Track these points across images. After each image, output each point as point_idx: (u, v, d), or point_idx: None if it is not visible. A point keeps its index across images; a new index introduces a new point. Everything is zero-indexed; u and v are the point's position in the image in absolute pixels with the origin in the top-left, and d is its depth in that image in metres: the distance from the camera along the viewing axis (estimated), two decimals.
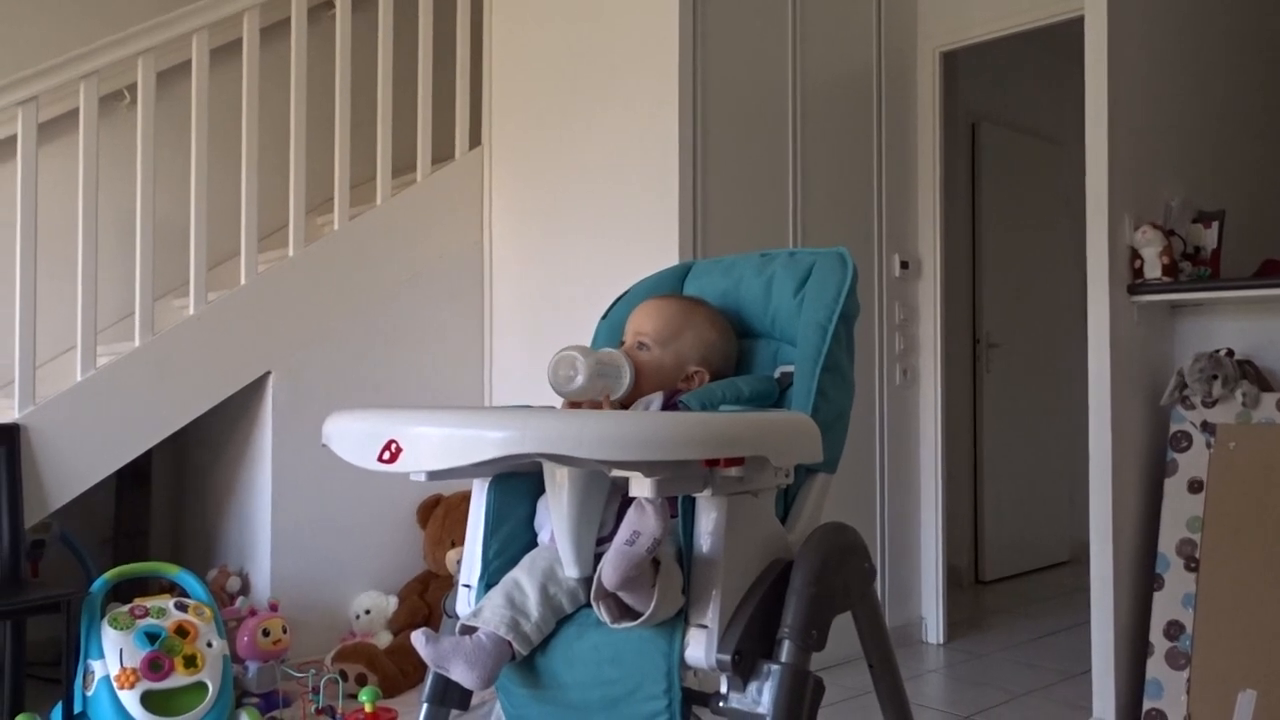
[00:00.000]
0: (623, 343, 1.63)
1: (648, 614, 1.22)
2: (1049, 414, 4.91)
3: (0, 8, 3.42)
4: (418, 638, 1.31)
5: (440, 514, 3.19)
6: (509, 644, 1.32)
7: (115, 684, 2.32)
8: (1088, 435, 2.72)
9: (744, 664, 1.25)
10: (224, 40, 3.21)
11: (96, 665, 2.37)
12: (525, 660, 1.37)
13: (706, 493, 1.27)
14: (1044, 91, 4.94)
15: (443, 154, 3.51)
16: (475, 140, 3.54)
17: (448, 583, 3.13)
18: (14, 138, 2.79)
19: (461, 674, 1.30)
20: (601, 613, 1.25)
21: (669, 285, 1.77)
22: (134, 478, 3.28)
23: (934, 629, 3.55)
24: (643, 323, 1.63)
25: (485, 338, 3.51)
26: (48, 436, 2.70)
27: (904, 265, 3.54)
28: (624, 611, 1.25)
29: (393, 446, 1.19)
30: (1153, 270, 2.71)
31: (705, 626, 1.26)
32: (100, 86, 2.88)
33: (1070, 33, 3.27)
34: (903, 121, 3.58)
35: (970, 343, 4.61)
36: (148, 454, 2.98)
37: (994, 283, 4.67)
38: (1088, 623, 2.73)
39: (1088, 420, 2.72)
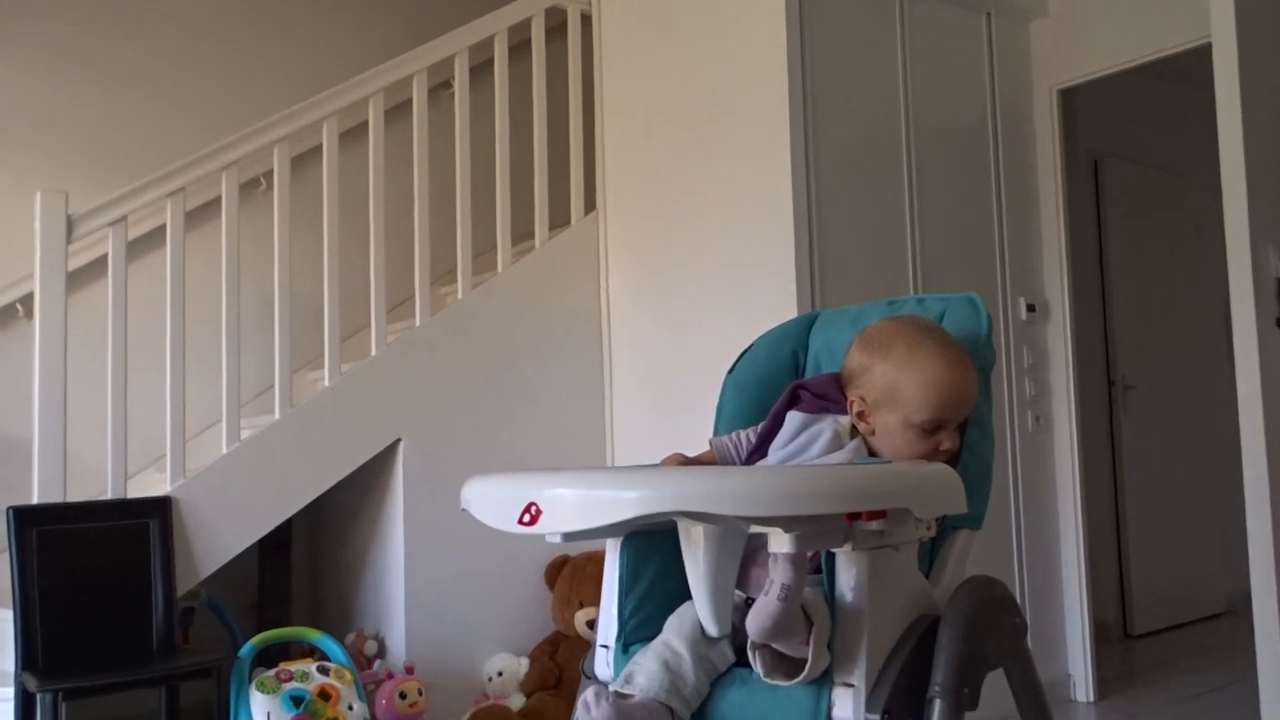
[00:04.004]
0: (936, 427, 1.41)
1: (804, 674, 1.19)
2: (1195, 456, 4.67)
3: (146, 107, 3.67)
4: (583, 705, 1.28)
5: (567, 574, 3.21)
6: (669, 710, 1.30)
7: None
8: (1239, 478, 2.57)
9: None
10: (350, 124, 3.37)
11: None
12: None
13: (847, 547, 1.25)
14: (1168, 122, 4.78)
15: (559, 221, 3.59)
16: (590, 205, 3.62)
17: (577, 643, 3.13)
18: (159, 228, 2.97)
19: None
20: (757, 664, 1.23)
21: (795, 335, 1.75)
22: (275, 545, 3.40)
23: (1083, 686, 3.38)
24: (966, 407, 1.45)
25: (605, 399, 3.54)
26: (197, 507, 2.83)
27: (1030, 308, 3.44)
28: (778, 663, 1.23)
29: (533, 509, 1.21)
30: None
31: (852, 685, 1.23)
32: (239, 175, 3.05)
33: (1192, 61, 3.17)
34: (1021, 162, 3.51)
35: (1105, 385, 4.43)
36: (287, 521, 3.08)
37: (1127, 322, 4.50)
38: (1251, 679, 2.55)
39: (1236, 462, 2.58)
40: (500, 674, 3.10)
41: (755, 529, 1.21)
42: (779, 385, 1.66)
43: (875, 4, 3.17)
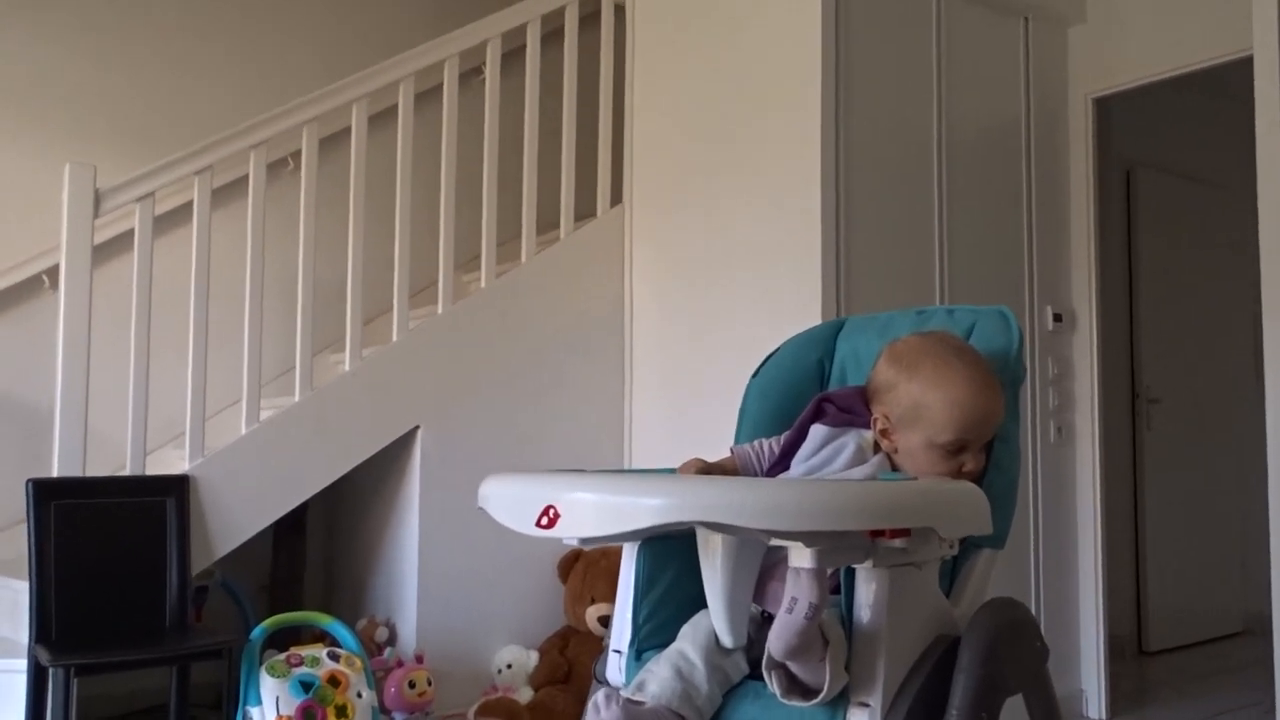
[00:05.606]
0: (959, 449, 1.40)
1: (823, 695, 1.17)
2: (1216, 472, 4.61)
3: (175, 84, 3.68)
4: (593, 708, 1.27)
5: (580, 569, 3.20)
6: (681, 719, 1.29)
7: None
8: (1260, 496, 2.54)
9: None
10: (380, 108, 3.36)
11: (255, 712, 2.44)
12: None
13: (868, 564, 1.23)
14: (1203, 134, 4.71)
15: (585, 212, 3.57)
16: (616, 198, 3.59)
17: (588, 639, 3.12)
18: (185, 204, 2.98)
19: None
20: (772, 684, 1.22)
21: (822, 342, 1.73)
22: (290, 527, 3.41)
23: (1096, 703, 3.34)
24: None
25: (625, 396, 3.52)
26: (214, 487, 2.83)
27: (1057, 318, 3.40)
28: (793, 684, 1.21)
29: (551, 512, 1.20)
30: None
31: (868, 705, 1.21)
32: (267, 154, 3.04)
33: (1231, 73, 3.12)
34: (1053, 170, 3.47)
35: (1129, 398, 4.38)
36: (303, 504, 3.08)
37: (1154, 334, 4.44)
38: (1268, 701, 2.52)
39: (1260, 480, 2.54)
40: (509, 666, 3.10)
41: (776, 542, 1.19)
42: (804, 392, 1.64)
43: (912, 6, 3.13)
